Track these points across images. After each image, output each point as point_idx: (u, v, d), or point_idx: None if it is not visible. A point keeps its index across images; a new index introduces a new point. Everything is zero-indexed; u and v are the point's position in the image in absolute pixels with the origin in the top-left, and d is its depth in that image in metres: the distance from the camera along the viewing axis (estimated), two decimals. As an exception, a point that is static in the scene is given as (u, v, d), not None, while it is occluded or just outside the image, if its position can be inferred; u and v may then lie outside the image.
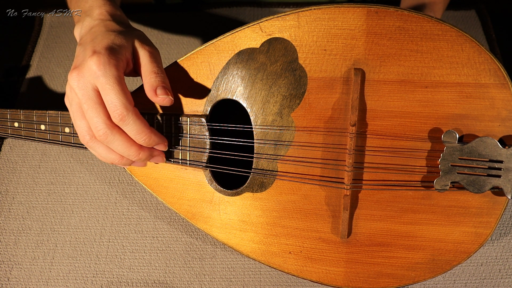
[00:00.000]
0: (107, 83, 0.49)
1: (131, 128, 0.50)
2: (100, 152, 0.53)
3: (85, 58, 0.50)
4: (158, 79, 0.52)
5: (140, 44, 0.53)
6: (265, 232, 0.58)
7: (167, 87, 0.52)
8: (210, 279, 0.63)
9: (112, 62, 0.49)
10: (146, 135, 0.51)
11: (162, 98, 0.51)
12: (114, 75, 0.49)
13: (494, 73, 0.51)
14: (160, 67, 0.53)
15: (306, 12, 0.53)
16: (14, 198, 0.70)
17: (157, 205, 0.69)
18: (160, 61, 0.54)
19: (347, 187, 0.55)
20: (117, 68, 0.49)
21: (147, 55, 0.53)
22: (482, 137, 0.52)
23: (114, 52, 0.50)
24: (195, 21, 0.86)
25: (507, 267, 0.62)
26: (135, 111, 0.50)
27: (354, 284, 0.58)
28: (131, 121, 0.50)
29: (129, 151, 0.52)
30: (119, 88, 0.49)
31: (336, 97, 0.54)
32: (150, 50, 0.54)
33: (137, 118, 0.50)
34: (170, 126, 0.58)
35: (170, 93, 0.52)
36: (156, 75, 0.52)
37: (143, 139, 0.51)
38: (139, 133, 0.51)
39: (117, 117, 0.49)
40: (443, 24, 0.51)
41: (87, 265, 0.64)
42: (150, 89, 0.51)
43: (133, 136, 0.51)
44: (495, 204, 0.54)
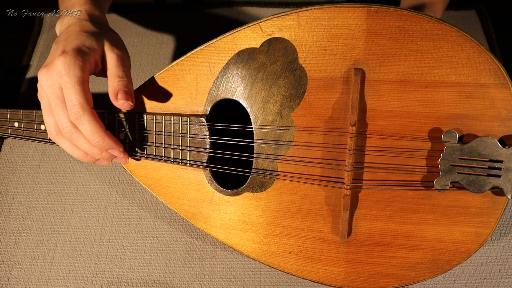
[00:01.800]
0: (69, 82, 0.50)
1: (86, 128, 0.52)
2: (66, 147, 0.55)
3: (55, 57, 0.52)
4: (121, 83, 0.53)
5: (110, 47, 0.55)
6: (265, 232, 0.58)
7: (129, 92, 0.53)
8: (210, 279, 0.63)
9: (77, 63, 0.51)
10: (100, 137, 0.53)
11: (122, 102, 0.53)
12: (77, 75, 0.51)
13: (494, 73, 0.51)
14: (126, 71, 0.55)
15: (306, 12, 0.53)
16: (14, 198, 0.70)
17: (157, 205, 0.69)
18: (127, 65, 0.55)
19: (347, 187, 0.55)
20: (81, 69, 0.51)
21: (114, 58, 0.54)
22: (482, 137, 0.52)
23: (82, 54, 0.52)
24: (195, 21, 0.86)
25: (507, 267, 0.62)
26: (92, 112, 0.52)
27: (354, 284, 0.58)
28: (86, 121, 0.51)
29: (92, 150, 0.54)
30: (79, 88, 0.51)
31: (336, 97, 0.54)
32: (119, 53, 0.55)
33: (93, 120, 0.52)
34: (170, 126, 0.58)
35: (131, 98, 0.53)
36: (119, 79, 0.54)
37: (96, 140, 0.53)
38: (92, 134, 0.52)
39: (74, 115, 0.51)
40: (443, 24, 0.51)
41: (87, 265, 0.64)
42: (112, 93, 0.53)
43: (88, 136, 0.52)
44: (495, 204, 0.54)
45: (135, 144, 0.60)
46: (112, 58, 0.54)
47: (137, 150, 0.60)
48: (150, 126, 0.59)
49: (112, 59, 0.54)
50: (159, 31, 0.85)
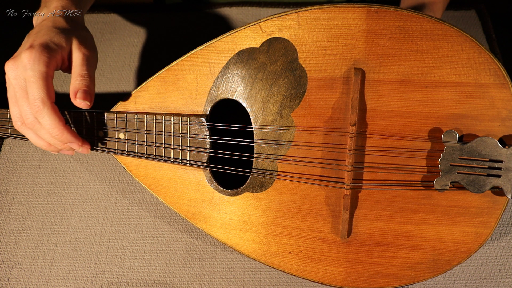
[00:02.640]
0: (32, 76, 0.52)
1: (45, 121, 0.53)
2: (31, 138, 0.57)
3: (22, 50, 0.53)
4: (82, 82, 0.54)
5: (78, 46, 0.56)
6: (265, 232, 0.58)
7: (88, 92, 0.54)
8: (210, 279, 0.63)
9: (42, 58, 0.52)
10: (59, 131, 0.54)
11: (79, 102, 0.54)
12: (41, 70, 0.52)
13: (494, 73, 0.51)
14: (89, 70, 0.55)
15: (306, 12, 0.53)
16: (14, 198, 0.70)
17: (157, 205, 0.69)
18: (92, 65, 0.56)
19: (347, 187, 0.55)
20: (46, 65, 0.52)
21: (80, 57, 0.55)
22: (482, 137, 0.52)
23: (48, 50, 0.53)
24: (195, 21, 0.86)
25: (507, 267, 0.62)
26: (53, 107, 0.53)
27: (354, 284, 0.58)
28: (46, 115, 0.53)
29: (54, 141, 0.56)
30: (41, 83, 0.52)
31: (336, 97, 0.54)
32: (86, 53, 0.56)
33: (52, 114, 0.53)
34: (170, 126, 0.58)
35: (89, 98, 0.54)
36: (81, 78, 0.54)
37: (55, 134, 0.54)
38: (52, 127, 0.54)
39: (35, 109, 0.52)
40: (443, 24, 0.51)
41: (87, 265, 0.64)
42: (72, 91, 0.54)
43: (47, 129, 0.54)
44: (495, 204, 0.54)
45: (135, 144, 0.60)
46: (77, 57, 0.55)
47: (137, 150, 0.60)
48: (150, 126, 0.59)
49: (78, 58, 0.55)
50: (159, 31, 0.85)
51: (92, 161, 0.72)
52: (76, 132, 0.58)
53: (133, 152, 0.60)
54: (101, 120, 0.60)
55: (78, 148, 0.58)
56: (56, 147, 0.58)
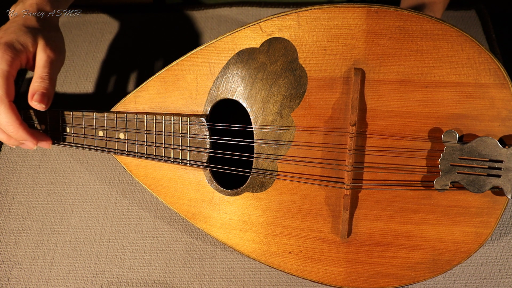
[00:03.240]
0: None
1: (2, 118, 0.54)
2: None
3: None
4: (41, 84, 0.55)
5: (44, 47, 0.56)
6: (265, 232, 0.58)
7: (46, 94, 0.55)
8: (210, 279, 0.63)
9: (5, 57, 0.53)
10: (14, 128, 0.55)
11: (35, 104, 0.54)
12: (2, 69, 0.53)
13: (494, 73, 0.51)
14: (51, 73, 0.56)
15: (306, 12, 0.53)
16: (14, 198, 0.70)
17: (157, 205, 0.69)
18: (55, 68, 0.57)
19: (347, 187, 0.55)
20: (9, 64, 0.53)
21: (43, 59, 0.56)
22: (482, 137, 0.52)
23: (12, 49, 0.54)
24: (195, 21, 0.86)
25: (507, 267, 0.62)
26: (10, 105, 0.54)
27: (354, 284, 0.58)
28: (2, 112, 0.54)
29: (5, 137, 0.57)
30: (1, 82, 0.53)
31: (336, 97, 0.54)
32: (50, 55, 0.56)
33: (9, 111, 0.54)
34: (170, 126, 0.58)
35: (46, 101, 0.55)
36: (41, 80, 0.55)
37: (10, 131, 0.55)
38: (7, 124, 0.55)
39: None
40: (443, 24, 0.51)
41: (87, 265, 0.64)
42: (30, 92, 0.55)
43: (3, 126, 0.55)
44: (495, 204, 0.54)
45: (135, 144, 0.60)
46: (41, 59, 0.56)
47: (137, 150, 0.60)
48: (150, 126, 0.59)
49: (41, 60, 0.56)
50: (159, 31, 0.85)
51: (92, 161, 0.72)
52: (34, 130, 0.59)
53: (133, 152, 0.60)
54: (101, 120, 0.60)
55: (33, 147, 0.58)
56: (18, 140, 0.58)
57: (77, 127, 0.61)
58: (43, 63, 0.56)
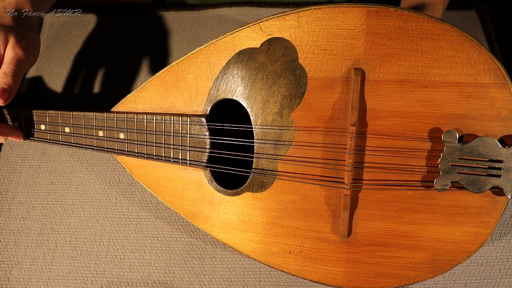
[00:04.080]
0: None
1: None
2: None
3: None
4: (3, 80, 0.55)
5: (13, 45, 0.56)
6: (265, 232, 0.58)
7: (7, 90, 0.55)
8: (210, 279, 0.63)
9: None
10: None
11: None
12: None
13: (494, 73, 0.51)
14: (15, 70, 0.56)
15: (306, 12, 0.53)
16: (14, 198, 0.70)
17: (157, 205, 0.69)
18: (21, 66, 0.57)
19: (347, 187, 0.55)
20: None
21: (11, 56, 0.56)
22: (482, 137, 0.52)
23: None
24: (195, 21, 0.86)
25: (507, 267, 0.62)
26: None
27: (354, 284, 0.58)
28: None
29: None
30: None
31: (336, 97, 0.54)
32: (18, 53, 0.56)
33: None
34: (170, 126, 0.58)
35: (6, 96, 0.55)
36: (4, 75, 0.55)
37: None
38: None
39: None
40: (443, 24, 0.51)
41: (87, 265, 0.64)
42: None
43: None
44: (495, 204, 0.54)
45: (135, 144, 0.60)
46: (8, 55, 0.56)
47: (137, 150, 0.60)
48: (150, 126, 0.59)
49: (8, 56, 0.56)
50: (159, 31, 0.85)
51: (92, 161, 0.72)
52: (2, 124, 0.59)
53: (133, 152, 0.60)
54: (101, 120, 0.60)
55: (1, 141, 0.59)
56: None
57: (77, 127, 0.61)
58: (9, 60, 0.56)
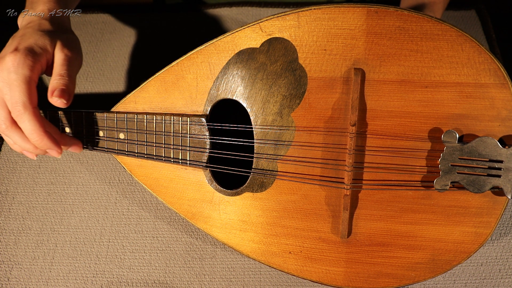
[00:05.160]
0: (16, 80, 0.51)
1: (25, 126, 0.52)
2: (16, 140, 0.55)
3: (7, 52, 0.53)
4: (60, 81, 0.54)
5: (61, 48, 0.55)
6: (265, 232, 0.58)
7: (66, 91, 0.53)
8: (210, 279, 0.63)
9: (27, 62, 0.52)
10: (38, 136, 0.53)
11: (55, 100, 0.53)
12: (24, 74, 0.51)
13: (494, 73, 0.51)
14: (69, 71, 0.55)
15: (306, 12, 0.53)
16: (14, 198, 0.70)
17: (157, 205, 0.69)
18: (73, 66, 0.56)
19: (347, 187, 0.55)
20: (30, 69, 0.52)
21: (61, 58, 0.55)
22: (482, 137, 0.52)
23: (33, 53, 0.53)
24: (195, 21, 0.86)
25: (507, 267, 0.62)
26: (34, 112, 0.52)
27: (354, 284, 0.58)
28: (26, 120, 0.52)
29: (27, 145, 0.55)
30: (24, 87, 0.51)
31: (336, 97, 0.54)
32: (68, 54, 0.55)
33: (33, 119, 0.52)
34: (170, 126, 0.58)
35: (66, 96, 0.53)
36: (60, 77, 0.54)
37: (35, 139, 0.53)
38: (31, 132, 0.53)
39: (15, 112, 0.52)
40: (443, 24, 0.51)
41: (87, 265, 0.64)
42: (50, 90, 0.53)
43: (27, 134, 0.53)
44: (495, 204, 0.54)
45: (135, 144, 0.60)
46: (59, 58, 0.55)
47: (137, 150, 0.60)
48: (150, 126, 0.59)
49: (59, 58, 0.55)
50: (159, 31, 0.85)
51: (92, 161, 0.72)
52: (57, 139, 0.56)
53: (133, 152, 0.60)
54: (101, 120, 0.60)
55: (57, 155, 0.57)
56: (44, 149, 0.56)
57: (77, 127, 0.61)
58: (61, 62, 0.55)
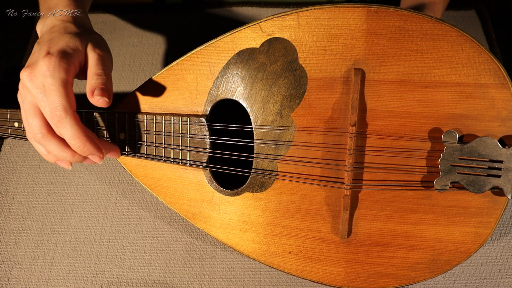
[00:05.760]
0: (53, 84, 0.50)
1: (67, 131, 0.50)
2: (53, 149, 0.53)
3: (39, 58, 0.51)
4: (98, 81, 0.52)
5: (93, 48, 0.54)
6: (265, 232, 0.58)
7: (106, 89, 0.52)
8: (210, 279, 0.63)
9: (62, 65, 0.50)
10: (81, 142, 0.51)
11: (97, 99, 0.52)
12: (61, 77, 0.50)
13: (494, 73, 0.51)
14: (105, 69, 0.54)
15: (306, 12, 0.53)
16: (14, 198, 0.70)
17: (157, 205, 0.69)
18: (107, 65, 0.55)
19: (347, 187, 0.55)
20: (66, 71, 0.51)
21: (95, 58, 0.54)
22: (482, 137, 0.52)
23: (67, 56, 0.51)
24: (195, 21, 0.86)
25: (507, 267, 0.62)
26: (75, 116, 0.51)
27: (354, 284, 0.58)
28: (68, 124, 0.50)
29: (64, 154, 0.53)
30: (63, 91, 0.50)
31: (336, 97, 0.54)
32: (100, 53, 0.54)
33: (75, 123, 0.50)
34: (170, 126, 0.58)
35: (107, 95, 0.52)
36: (97, 77, 0.53)
37: (77, 145, 0.51)
38: (73, 138, 0.51)
39: (56, 118, 0.50)
40: (443, 24, 0.51)
41: (87, 265, 0.64)
42: (89, 90, 0.52)
43: (68, 140, 0.51)
44: (495, 204, 0.54)
45: (135, 144, 0.60)
46: (92, 58, 0.54)
47: (137, 150, 0.60)
48: (150, 126, 0.59)
49: (93, 58, 0.54)
50: (159, 31, 0.85)
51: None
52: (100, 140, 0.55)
53: (133, 152, 0.60)
54: (101, 120, 0.60)
55: (99, 161, 0.54)
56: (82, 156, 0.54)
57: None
58: (95, 62, 0.53)
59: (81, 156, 0.54)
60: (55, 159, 0.56)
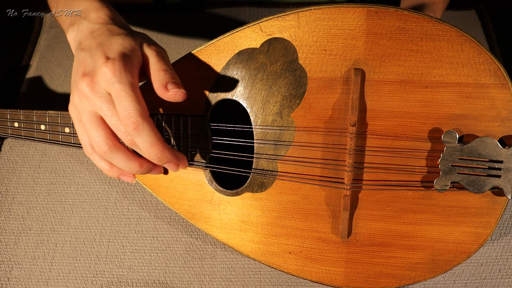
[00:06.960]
0: (123, 89, 0.46)
1: (144, 139, 0.46)
2: (119, 161, 0.49)
3: (97, 64, 0.47)
4: (167, 75, 0.49)
5: (147, 45, 0.51)
6: (265, 232, 0.58)
7: (178, 82, 0.49)
8: (210, 279, 0.63)
9: (127, 68, 0.47)
10: (159, 149, 0.47)
11: (174, 92, 0.48)
12: (129, 81, 0.46)
13: (494, 73, 0.51)
14: (169, 64, 0.51)
15: (306, 12, 0.53)
16: (14, 198, 0.70)
17: (157, 205, 0.69)
18: (168, 60, 0.52)
19: (347, 187, 0.55)
20: (132, 74, 0.47)
21: (154, 54, 0.51)
22: (482, 137, 0.52)
23: (128, 58, 0.48)
24: (195, 21, 0.86)
25: (507, 267, 0.62)
26: (151, 121, 0.47)
27: (354, 284, 0.58)
28: (146, 131, 0.46)
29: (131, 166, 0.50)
30: (134, 96, 0.46)
31: (336, 97, 0.54)
32: (157, 49, 0.51)
33: (153, 129, 0.47)
34: (170, 126, 0.58)
35: (181, 87, 0.49)
36: (165, 72, 0.49)
37: (155, 153, 0.47)
38: (152, 145, 0.47)
39: (131, 125, 0.46)
40: (443, 24, 0.51)
41: (87, 265, 0.64)
42: (160, 86, 0.49)
43: (146, 148, 0.47)
44: (495, 204, 0.54)
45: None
46: (152, 55, 0.50)
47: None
48: (150, 126, 0.59)
49: (152, 55, 0.50)
50: (159, 31, 0.85)
51: (92, 161, 0.72)
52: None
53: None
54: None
55: (175, 169, 0.50)
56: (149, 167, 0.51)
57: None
58: (156, 58, 0.50)
59: (148, 168, 0.51)
60: (118, 173, 0.53)
